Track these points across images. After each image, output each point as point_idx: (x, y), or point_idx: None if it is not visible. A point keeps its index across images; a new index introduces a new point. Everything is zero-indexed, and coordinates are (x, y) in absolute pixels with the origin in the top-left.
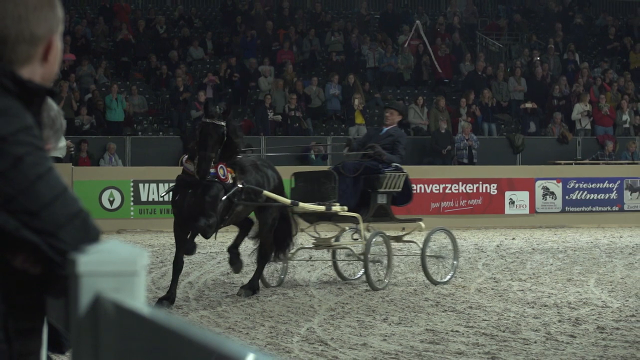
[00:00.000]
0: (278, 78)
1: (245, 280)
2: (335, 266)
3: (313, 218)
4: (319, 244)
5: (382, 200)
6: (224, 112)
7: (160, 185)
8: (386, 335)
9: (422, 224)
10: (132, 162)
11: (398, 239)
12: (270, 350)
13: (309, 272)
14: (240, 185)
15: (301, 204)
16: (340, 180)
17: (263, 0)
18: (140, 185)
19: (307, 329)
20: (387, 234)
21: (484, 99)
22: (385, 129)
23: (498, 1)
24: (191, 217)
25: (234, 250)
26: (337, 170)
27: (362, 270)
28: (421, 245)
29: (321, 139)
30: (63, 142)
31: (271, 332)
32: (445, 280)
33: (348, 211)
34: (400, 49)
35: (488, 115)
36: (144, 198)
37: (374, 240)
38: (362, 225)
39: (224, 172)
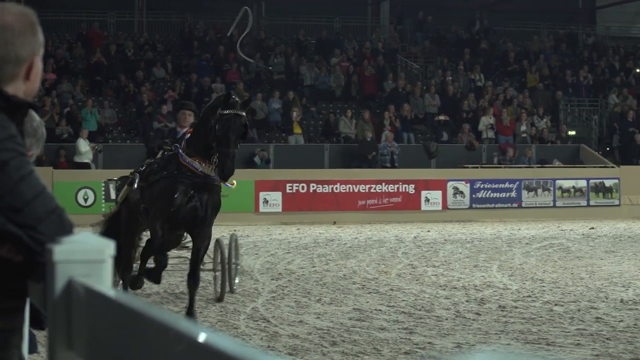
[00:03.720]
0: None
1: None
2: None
3: None
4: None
5: None
6: (244, 102)
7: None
8: (319, 314)
9: None
10: (103, 165)
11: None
12: (220, 327)
13: (253, 259)
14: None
15: None
16: None
17: (216, 28)
18: (111, 185)
19: (252, 308)
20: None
21: (403, 112)
22: (182, 131)
23: (416, 29)
24: (189, 221)
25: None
26: None
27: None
28: (226, 254)
29: (264, 146)
30: (86, 147)
31: (221, 312)
32: (237, 285)
33: None
34: (332, 69)
35: (407, 126)
36: (113, 196)
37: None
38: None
39: None
